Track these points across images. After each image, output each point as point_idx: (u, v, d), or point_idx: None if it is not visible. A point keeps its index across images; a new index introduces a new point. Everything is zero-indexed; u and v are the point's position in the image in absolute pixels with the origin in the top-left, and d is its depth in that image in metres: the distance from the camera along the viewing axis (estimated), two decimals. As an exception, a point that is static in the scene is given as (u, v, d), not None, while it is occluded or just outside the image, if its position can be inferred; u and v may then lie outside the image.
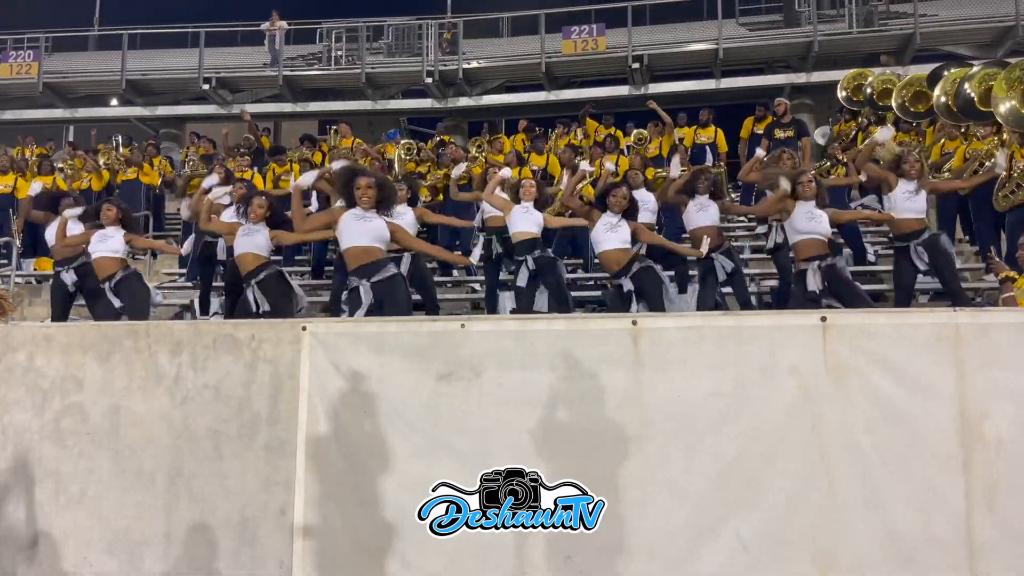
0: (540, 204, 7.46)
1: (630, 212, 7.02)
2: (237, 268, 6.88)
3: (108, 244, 7.15)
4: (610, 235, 6.83)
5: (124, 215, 7.30)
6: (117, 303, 6.95)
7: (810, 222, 6.51)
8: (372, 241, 5.90)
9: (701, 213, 7.44)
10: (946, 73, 7.85)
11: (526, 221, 7.30)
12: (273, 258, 6.97)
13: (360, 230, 5.90)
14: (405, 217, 7.37)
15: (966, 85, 6.88)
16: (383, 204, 6.07)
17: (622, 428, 3.94)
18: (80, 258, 7.51)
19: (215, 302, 8.51)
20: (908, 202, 6.87)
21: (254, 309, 6.57)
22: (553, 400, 4.02)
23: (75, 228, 7.60)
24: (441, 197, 10.24)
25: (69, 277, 7.47)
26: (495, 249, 7.93)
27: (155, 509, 4.29)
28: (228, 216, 7.69)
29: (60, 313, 7.53)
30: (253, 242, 6.73)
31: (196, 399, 4.37)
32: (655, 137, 11.91)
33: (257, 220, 6.76)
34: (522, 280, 7.20)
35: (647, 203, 8.34)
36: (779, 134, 10.80)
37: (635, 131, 12.26)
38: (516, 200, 7.44)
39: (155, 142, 14.17)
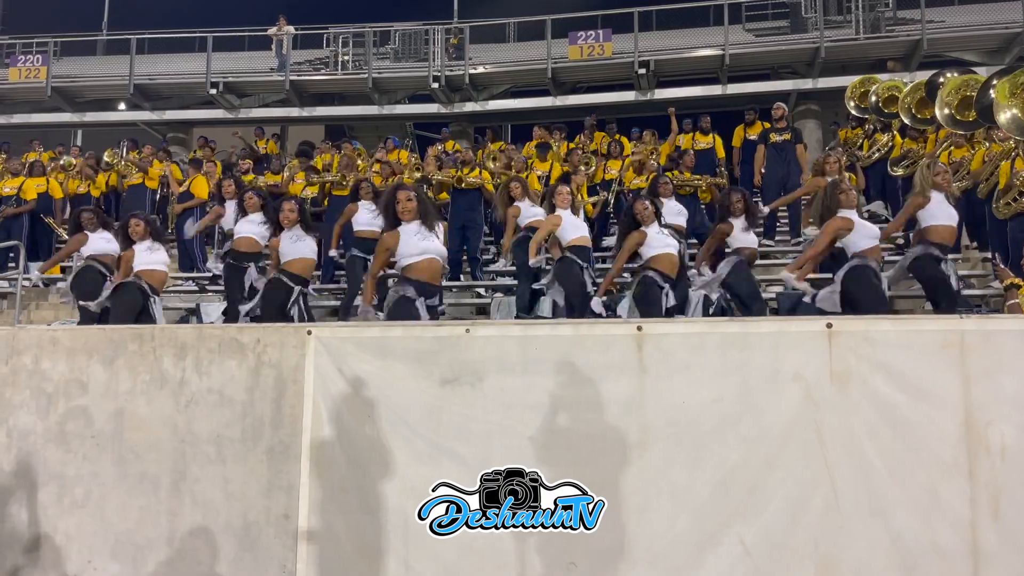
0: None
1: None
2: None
3: (158, 256, 7.09)
4: (667, 240, 6.74)
5: (152, 227, 7.20)
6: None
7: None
8: (440, 257, 5.74)
9: (745, 234, 7.28)
10: (943, 79, 7.84)
11: (579, 228, 7.36)
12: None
13: (426, 246, 5.64)
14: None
15: (992, 92, 6.77)
16: (426, 216, 5.77)
17: (625, 434, 3.94)
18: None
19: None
20: (944, 209, 6.60)
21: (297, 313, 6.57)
22: (556, 406, 4.01)
23: (108, 246, 7.56)
24: (445, 194, 10.24)
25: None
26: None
27: (158, 513, 4.31)
28: (233, 222, 7.75)
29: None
30: (310, 247, 6.72)
31: (200, 403, 4.38)
32: (652, 145, 11.96)
33: (292, 225, 6.69)
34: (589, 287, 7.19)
35: (677, 210, 8.48)
36: (775, 138, 10.77)
37: (631, 144, 12.33)
38: (551, 208, 7.44)
39: (162, 148, 14.22)
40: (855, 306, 5.92)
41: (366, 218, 8.18)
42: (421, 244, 5.58)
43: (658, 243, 6.65)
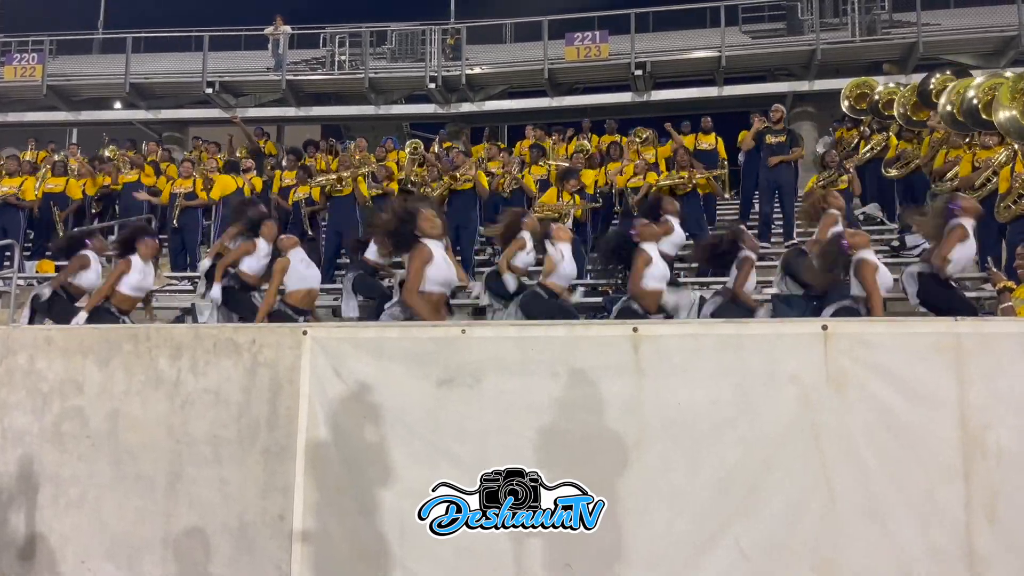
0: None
1: None
2: None
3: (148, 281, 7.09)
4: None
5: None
6: None
7: None
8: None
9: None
10: (933, 81, 7.87)
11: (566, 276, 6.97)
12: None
13: (448, 277, 5.57)
14: None
15: (970, 92, 6.82)
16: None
17: (622, 436, 3.93)
18: None
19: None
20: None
21: None
22: (553, 407, 4.01)
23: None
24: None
25: None
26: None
27: (154, 514, 4.29)
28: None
29: None
30: (315, 275, 6.91)
31: (196, 403, 4.37)
32: (651, 145, 12.01)
33: (294, 247, 6.85)
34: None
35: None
36: (771, 140, 10.79)
37: (637, 128, 12.42)
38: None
39: (164, 149, 14.23)
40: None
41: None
42: (447, 273, 5.47)
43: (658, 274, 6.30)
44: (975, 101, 6.93)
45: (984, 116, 6.99)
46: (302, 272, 6.75)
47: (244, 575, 4.15)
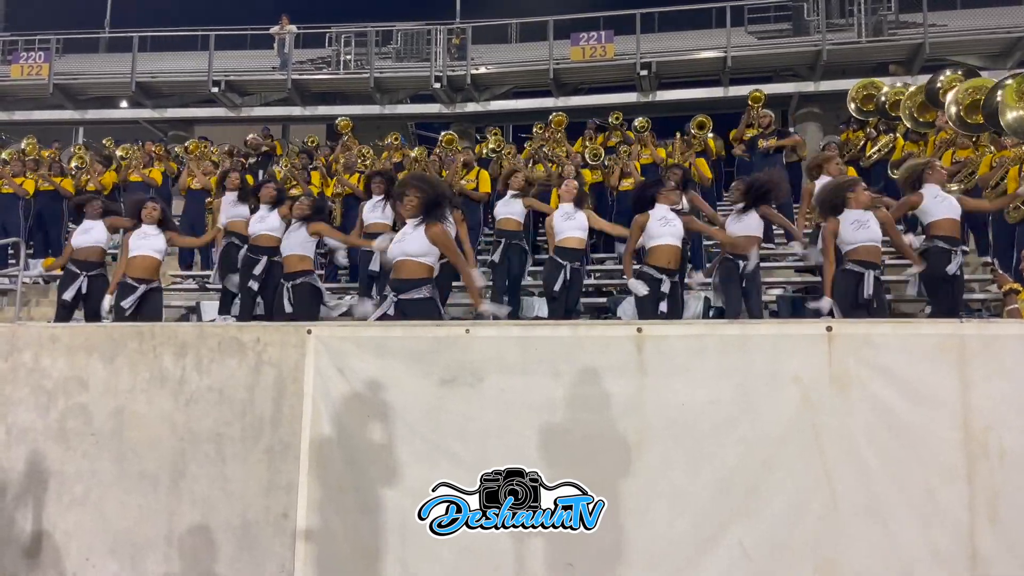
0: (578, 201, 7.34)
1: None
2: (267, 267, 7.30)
3: (150, 243, 7.11)
4: (665, 229, 6.35)
5: (164, 214, 7.32)
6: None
7: (860, 230, 6.04)
8: (405, 255, 5.43)
9: (739, 224, 7.03)
10: (941, 80, 7.84)
11: (572, 227, 7.13)
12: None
13: (399, 244, 5.51)
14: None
15: (999, 93, 6.74)
16: (428, 211, 5.47)
17: (624, 435, 3.94)
18: (98, 269, 7.51)
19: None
20: (939, 205, 6.54)
21: (289, 309, 6.70)
22: (556, 407, 4.01)
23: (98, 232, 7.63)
24: None
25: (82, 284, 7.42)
26: (508, 254, 7.81)
27: (157, 511, 4.31)
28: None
29: (65, 315, 7.51)
30: (296, 241, 6.94)
31: (200, 401, 4.38)
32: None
33: (299, 216, 6.98)
34: (558, 285, 6.97)
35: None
36: (762, 144, 10.87)
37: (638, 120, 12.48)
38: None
39: (162, 143, 14.26)
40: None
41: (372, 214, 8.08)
42: (395, 248, 5.50)
43: (652, 231, 6.34)
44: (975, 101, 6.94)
45: (968, 120, 7.02)
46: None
47: (247, 573, 4.16)
